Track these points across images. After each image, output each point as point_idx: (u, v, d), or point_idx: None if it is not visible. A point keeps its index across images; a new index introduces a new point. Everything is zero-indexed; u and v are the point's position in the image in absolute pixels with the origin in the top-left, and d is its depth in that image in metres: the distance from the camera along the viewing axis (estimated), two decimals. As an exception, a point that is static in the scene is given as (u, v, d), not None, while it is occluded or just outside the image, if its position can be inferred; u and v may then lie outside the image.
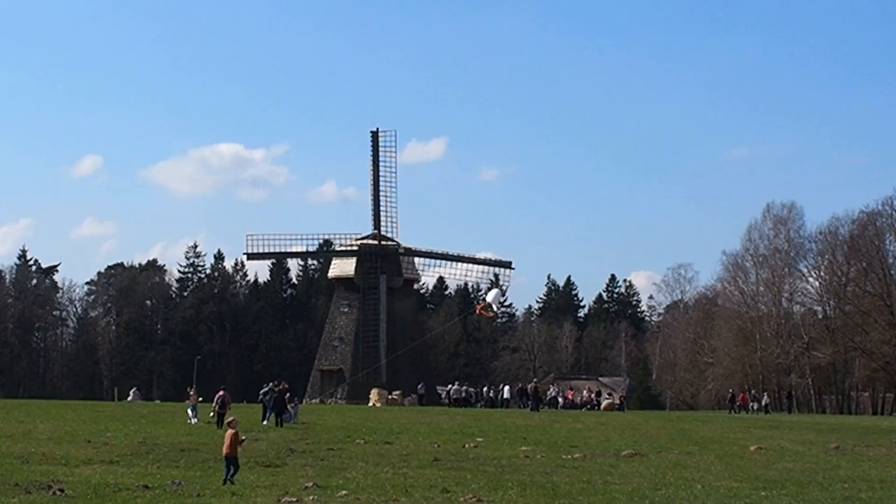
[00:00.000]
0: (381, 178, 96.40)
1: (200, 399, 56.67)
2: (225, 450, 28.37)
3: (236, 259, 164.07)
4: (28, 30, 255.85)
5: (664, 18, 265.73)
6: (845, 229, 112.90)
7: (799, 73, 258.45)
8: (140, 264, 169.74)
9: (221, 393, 50.71)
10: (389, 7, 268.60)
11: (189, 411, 54.23)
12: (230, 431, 28.58)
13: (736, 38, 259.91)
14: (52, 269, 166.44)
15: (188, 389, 61.81)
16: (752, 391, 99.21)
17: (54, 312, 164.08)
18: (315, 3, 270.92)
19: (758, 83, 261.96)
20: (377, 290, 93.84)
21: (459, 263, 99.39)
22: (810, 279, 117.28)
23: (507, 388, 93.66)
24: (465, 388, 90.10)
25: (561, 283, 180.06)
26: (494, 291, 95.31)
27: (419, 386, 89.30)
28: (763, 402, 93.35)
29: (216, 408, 50.03)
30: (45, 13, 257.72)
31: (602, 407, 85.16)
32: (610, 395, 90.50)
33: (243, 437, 29.54)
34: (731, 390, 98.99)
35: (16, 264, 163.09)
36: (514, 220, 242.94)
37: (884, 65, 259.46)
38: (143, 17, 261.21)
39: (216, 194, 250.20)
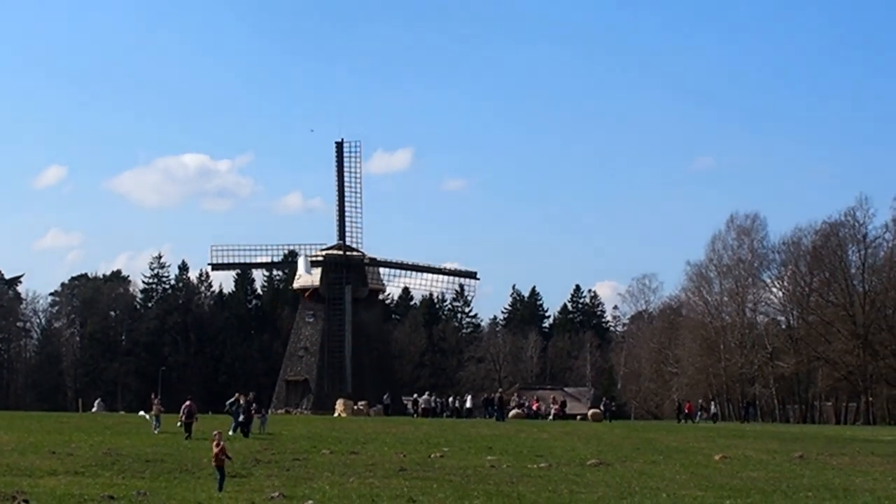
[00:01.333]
0: (346, 189, 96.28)
1: (163, 410, 56.51)
2: (215, 461, 29.01)
3: (201, 270, 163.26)
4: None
5: (629, 28, 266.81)
6: (808, 240, 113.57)
7: (764, 84, 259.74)
8: (104, 275, 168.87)
9: (188, 403, 50.58)
10: (354, 17, 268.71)
11: (153, 420, 54.16)
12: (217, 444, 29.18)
13: (701, 48, 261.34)
14: (16, 280, 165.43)
15: (152, 396, 61.72)
16: (700, 400, 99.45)
17: (18, 324, 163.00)
18: (281, 14, 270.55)
19: (723, 93, 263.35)
20: (342, 301, 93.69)
21: (424, 274, 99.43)
22: (773, 289, 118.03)
23: (469, 397, 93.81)
24: (433, 398, 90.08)
25: (526, 293, 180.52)
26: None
27: (385, 396, 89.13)
28: (711, 412, 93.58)
29: (183, 417, 49.92)
30: (7, 22, 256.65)
31: (589, 416, 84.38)
32: (605, 405, 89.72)
33: (224, 456, 29.61)
34: (677, 399, 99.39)
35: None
36: (479, 231, 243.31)
37: (847, 76, 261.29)
38: (107, 28, 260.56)
39: (181, 205, 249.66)
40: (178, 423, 50.56)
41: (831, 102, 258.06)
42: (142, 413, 65.39)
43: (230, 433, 50.39)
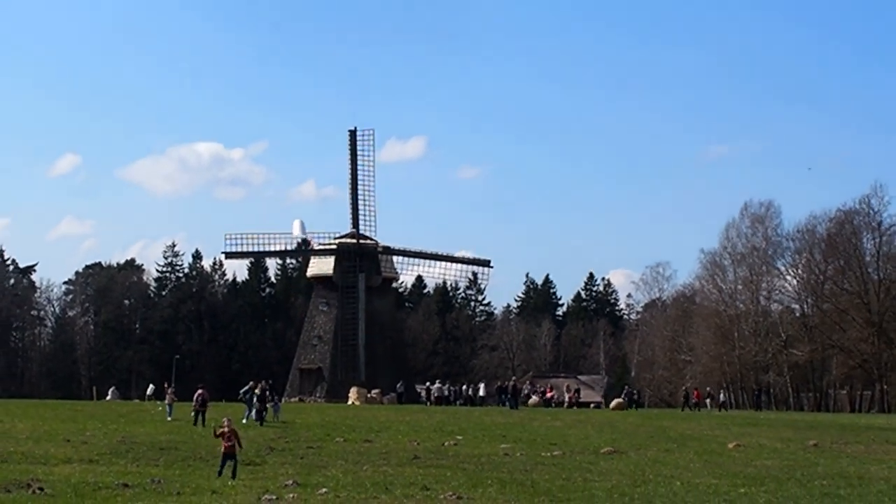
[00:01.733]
0: (359, 177, 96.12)
1: (176, 398, 56.75)
2: (224, 448, 29.14)
3: (214, 258, 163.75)
4: (5, 29, 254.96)
5: (643, 17, 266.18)
6: (823, 227, 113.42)
7: (777, 72, 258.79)
8: (118, 263, 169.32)
9: (200, 391, 50.68)
10: (368, 5, 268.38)
11: (166, 408, 54.43)
12: (232, 428, 29.38)
13: (714, 37, 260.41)
14: (30, 269, 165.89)
15: (165, 385, 62.00)
16: (709, 388, 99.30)
17: (32, 312, 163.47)
18: (294, 1, 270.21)
19: (737, 81, 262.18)
20: (356, 289, 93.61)
21: (438, 262, 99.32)
22: (788, 277, 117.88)
23: (482, 385, 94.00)
24: (446, 386, 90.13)
25: (539, 281, 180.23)
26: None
27: (398, 384, 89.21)
28: (719, 400, 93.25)
29: (196, 405, 50.03)
30: (23, 13, 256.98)
31: (612, 406, 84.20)
32: (627, 394, 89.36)
33: (234, 440, 29.70)
34: (685, 388, 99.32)
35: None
36: (492, 219, 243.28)
37: (863, 63, 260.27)
38: (121, 16, 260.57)
39: (194, 193, 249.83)
40: (192, 413, 50.71)
41: (846, 89, 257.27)
42: (152, 386, 65.54)
43: (243, 421, 50.48)
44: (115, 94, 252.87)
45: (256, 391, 52.72)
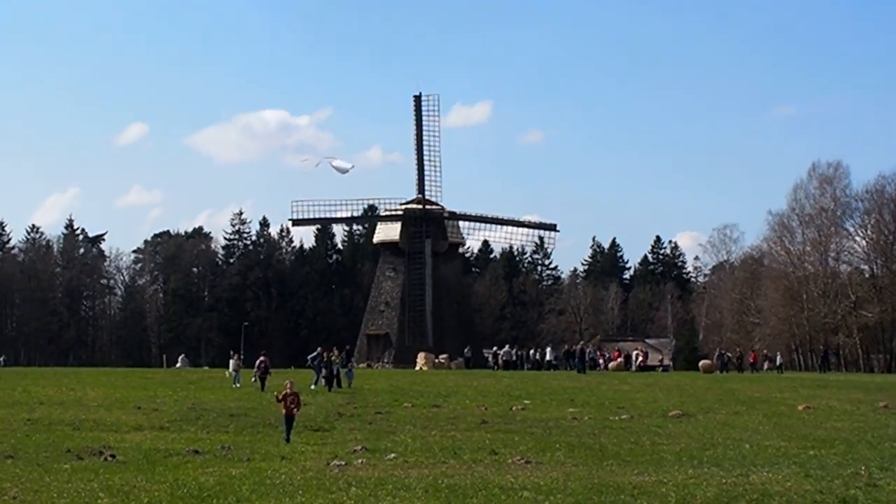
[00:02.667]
0: (424, 143, 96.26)
1: (242, 365, 57.25)
2: (285, 409, 29.44)
3: (282, 225, 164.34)
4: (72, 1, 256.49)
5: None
6: (892, 188, 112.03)
7: (846, 31, 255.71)
8: (186, 232, 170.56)
9: (262, 358, 51.12)
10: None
11: (233, 375, 54.91)
12: (295, 392, 29.69)
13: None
14: (99, 238, 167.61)
15: (231, 352, 62.51)
16: (765, 351, 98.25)
17: (102, 281, 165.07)
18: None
19: (805, 41, 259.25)
20: (422, 255, 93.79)
21: (504, 227, 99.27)
22: (857, 238, 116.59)
23: (549, 349, 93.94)
24: (514, 351, 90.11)
25: (606, 245, 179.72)
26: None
27: (466, 349, 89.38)
28: (777, 362, 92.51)
29: (258, 372, 50.50)
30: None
31: (702, 368, 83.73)
32: (719, 356, 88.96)
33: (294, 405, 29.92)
34: (738, 350, 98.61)
35: (63, 234, 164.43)
36: (558, 183, 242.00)
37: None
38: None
39: (261, 161, 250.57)
40: (253, 379, 51.18)
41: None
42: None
43: (312, 387, 50.74)
44: (182, 63, 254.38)
45: (325, 357, 52.98)
